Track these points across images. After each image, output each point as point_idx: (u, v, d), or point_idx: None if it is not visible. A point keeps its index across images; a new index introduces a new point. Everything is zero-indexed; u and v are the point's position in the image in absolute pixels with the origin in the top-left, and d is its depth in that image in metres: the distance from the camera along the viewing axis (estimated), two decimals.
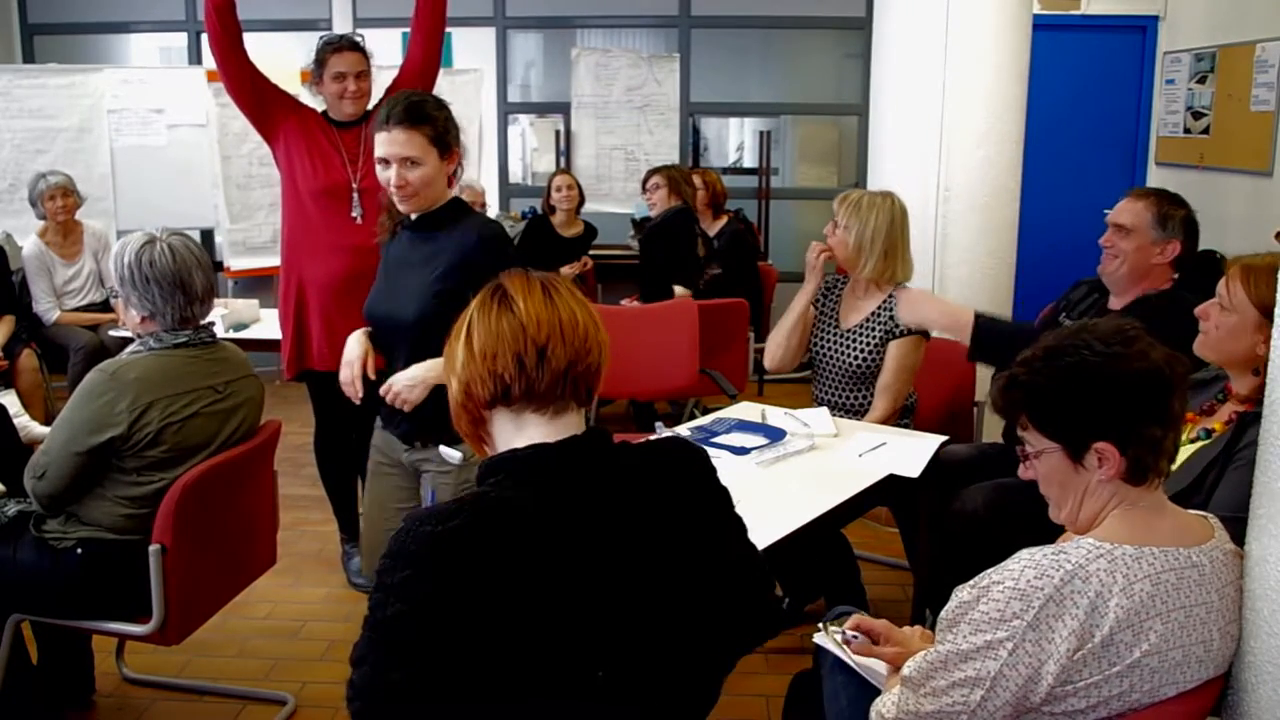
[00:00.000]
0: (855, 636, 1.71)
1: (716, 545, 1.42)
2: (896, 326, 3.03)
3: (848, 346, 3.12)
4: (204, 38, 6.13)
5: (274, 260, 4.55)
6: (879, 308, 3.09)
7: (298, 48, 6.12)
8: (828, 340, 3.18)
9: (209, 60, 3.45)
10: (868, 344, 3.08)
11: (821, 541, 2.95)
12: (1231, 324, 2.00)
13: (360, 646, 1.23)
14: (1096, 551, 1.37)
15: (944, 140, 4.05)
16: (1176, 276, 2.69)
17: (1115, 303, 2.75)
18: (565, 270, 5.44)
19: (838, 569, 3.09)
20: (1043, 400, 1.45)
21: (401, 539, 1.22)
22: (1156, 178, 6.00)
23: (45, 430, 2.87)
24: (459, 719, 1.24)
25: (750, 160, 6.61)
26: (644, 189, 5.08)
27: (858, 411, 3.10)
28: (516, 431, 1.36)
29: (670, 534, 1.35)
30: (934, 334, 3.08)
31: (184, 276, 2.35)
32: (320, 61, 3.23)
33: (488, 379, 1.33)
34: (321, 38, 3.30)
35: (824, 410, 2.90)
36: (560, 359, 1.32)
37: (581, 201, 5.64)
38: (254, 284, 5.57)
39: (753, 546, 1.50)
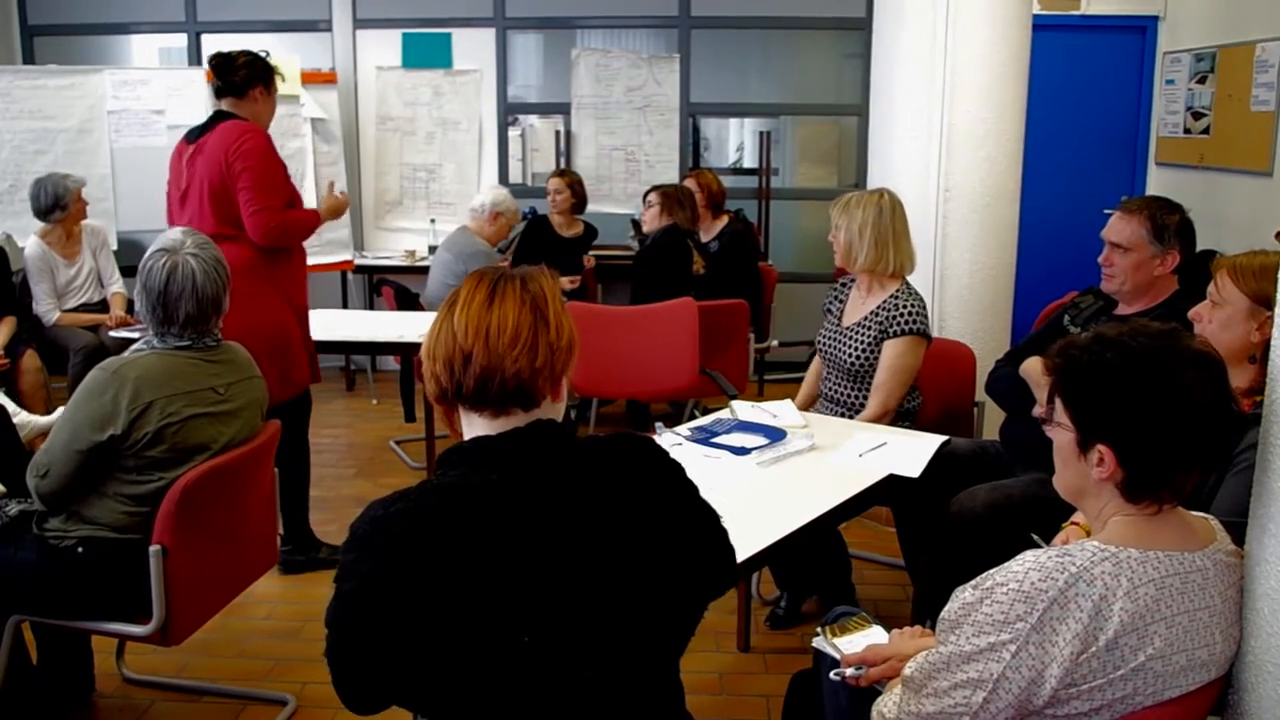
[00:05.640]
0: (860, 670, 1.70)
1: (671, 512, 1.45)
2: (891, 326, 3.05)
3: (846, 343, 3.13)
4: (204, 38, 6.20)
5: None
6: (879, 306, 3.10)
7: (298, 48, 6.13)
8: (830, 336, 3.21)
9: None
10: (863, 341, 3.09)
11: (818, 539, 2.95)
12: (1224, 315, 2.10)
13: (328, 612, 1.35)
14: (1101, 554, 1.36)
15: (944, 140, 4.04)
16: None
17: (1124, 309, 2.70)
18: (563, 281, 5.43)
19: (833, 567, 3.10)
20: (1074, 382, 1.45)
21: (356, 523, 1.33)
22: (1156, 178, 6.00)
23: (49, 419, 2.87)
24: (420, 672, 1.32)
25: (750, 160, 6.61)
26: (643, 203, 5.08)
27: (856, 408, 3.12)
28: (468, 426, 1.43)
29: (622, 510, 1.39)
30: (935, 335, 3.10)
31: (168, 299, 2.35)
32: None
33: (430, 380, 1.42)
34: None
35: (788, 402, 2.97)
36: (477, 366, 1.36)
37: (582, 202, 5.63)
38: None
39: (710, 507, 1.52)
